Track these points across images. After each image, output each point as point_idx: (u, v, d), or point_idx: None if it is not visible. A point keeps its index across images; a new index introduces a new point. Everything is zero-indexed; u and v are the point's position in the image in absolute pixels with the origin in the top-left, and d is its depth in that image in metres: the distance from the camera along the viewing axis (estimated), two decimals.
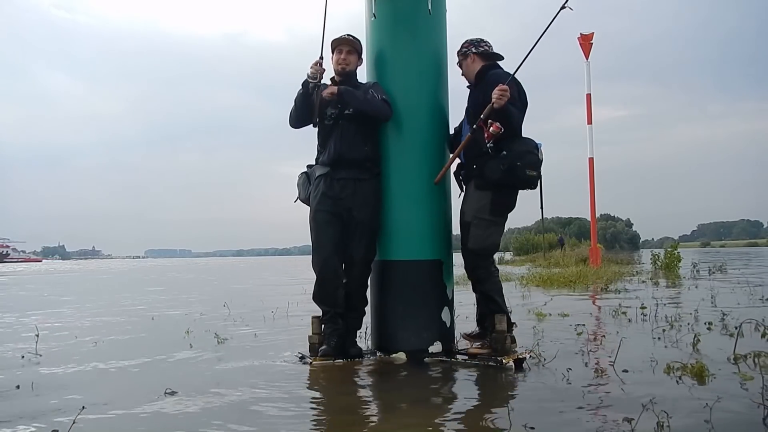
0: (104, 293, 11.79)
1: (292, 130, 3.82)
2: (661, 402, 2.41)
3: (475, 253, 3.55)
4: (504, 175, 3.35)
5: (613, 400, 2.71)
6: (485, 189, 3.48)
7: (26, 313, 7.48)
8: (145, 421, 2.55)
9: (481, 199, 3.50)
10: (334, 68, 3.76)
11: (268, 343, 4.60)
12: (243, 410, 2.68)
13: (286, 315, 6.41)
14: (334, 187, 3.64)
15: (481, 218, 3.50)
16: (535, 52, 3.36)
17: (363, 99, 3.60)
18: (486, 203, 3.49)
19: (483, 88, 3.47)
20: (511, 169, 3.33)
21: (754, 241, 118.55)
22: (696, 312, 5.46)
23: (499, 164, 3.34)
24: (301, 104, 3.69)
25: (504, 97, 3.23)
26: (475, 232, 3.51)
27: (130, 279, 19.66)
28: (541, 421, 2.37)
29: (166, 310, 7.66)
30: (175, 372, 3.63)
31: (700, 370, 3.09)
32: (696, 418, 2.35)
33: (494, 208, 3.50)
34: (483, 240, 3.52)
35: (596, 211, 16.60)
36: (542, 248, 26.81)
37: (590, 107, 15.34)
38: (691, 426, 2.28)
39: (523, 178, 3.37)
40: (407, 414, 2.64)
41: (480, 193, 3.51)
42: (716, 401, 2.41)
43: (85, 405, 2.55)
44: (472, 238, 3.51)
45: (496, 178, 3.38)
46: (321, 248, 3.64)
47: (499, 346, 3.49)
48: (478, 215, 3.50)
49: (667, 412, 2.24)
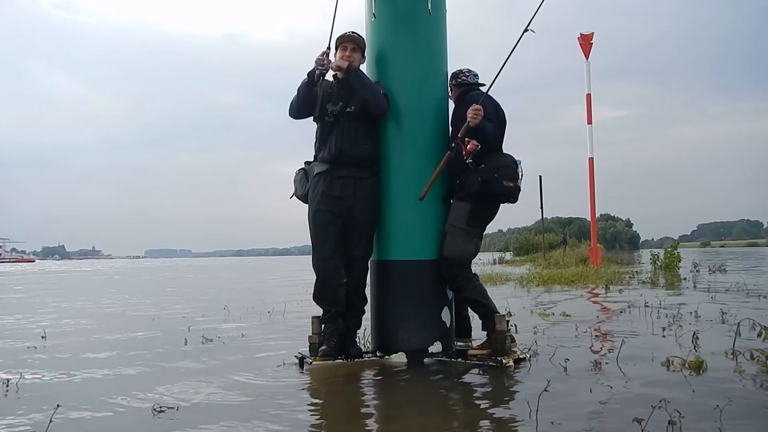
0: (85, 296, 11.76)
1: (292, 130, 3.92)
2: (673, 402, 2.40)
3: (450, 261, 3.58)
4: (483, 186, 3.52)
5: (619, 396, 2.72)
6: (465, 200, 3.61)
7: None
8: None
9: (460, 209, 3.62)
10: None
11: (261, 343, 4.60)
12: (243, 410, 2.68)
13: (283, 318, 6.39)
14: (335, 185, 3.64)
15: (457, 227, 3.60)
16: (535, 52, 3.42)
17: (368, 83, 3.64)
18: (464, 213, 3.60)
19: (463, 108, 3.61)
20: (488, 181, 3.51)
21: (754, 241, 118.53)
22: (696, 312, 5.47)
23: (477, 176, 3.52)
24: (304, 94, 3.70)
25: (478, 116, 3.41)
26: (450, 240, 3.59)
27: (122, 281, 19.64)
28: (545, 420, 2.37)
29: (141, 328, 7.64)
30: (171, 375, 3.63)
31: (699, 364, 3.15)
32: (705, 414, 2.35)
33: (471, 218, 3.61)
34: (457, 247, 3.58)
35: (596, 211, 16.61)
36: (542, 248, 26.78)
37: (590, 107, 15.34)
38: (701, 422, 2.29)
39: (500, 189, 3.54)
40: (408, 414, 2.64)
41: (460, 204, 3.63)
42: (727, 404, 2.41)
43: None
44: (447, 246, 3.58)
45: (475, 189, 3.53)
46: (321, 248, 3.64)
47: (499, 346, 3.51)
48: (454, 224, 3.61)
49: (680, 411, 2.25)
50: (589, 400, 2.68)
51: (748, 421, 2.35)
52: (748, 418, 2.39)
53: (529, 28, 3.46)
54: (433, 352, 3.61)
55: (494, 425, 2.43)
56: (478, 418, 2.55)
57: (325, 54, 3.64)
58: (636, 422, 2.17)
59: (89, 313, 7.49)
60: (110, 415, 2.67)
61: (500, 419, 2.50)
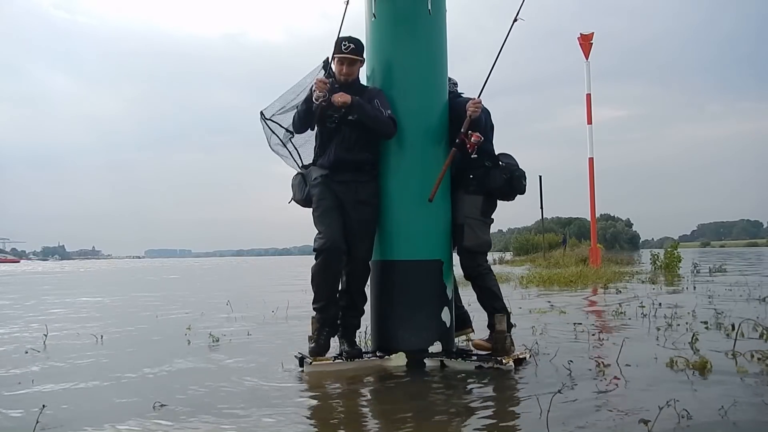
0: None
1: (292, 128, 3.82)
2: (682, 402, 2.40)
3: (472, 251, 3.73)
4: (506, 184, 3.71)
5: (622, 396, 2.72)
6: (477, 194, 3.73)
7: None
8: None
9: (474, 202, 3.74)
10: (336, 77, 3.70)
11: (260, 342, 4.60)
12: (241, 412, 2.68)
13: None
14: (334, 188, 3.63)
15: (474, 218, 3.72)
16: (535, 52, 3.42)
17: (372, 114, 3.55)
18: (478, 205, 3.74)
19: (451, 114, 3.78)
20: (511, 179, 3.70)
21: (754, 241, 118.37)
22: (693, 312, 5.48)
23: (501, 174, 3.70)
24: (305, 116, 3.64)
25: (478, 109, 3.57)
26: (469, 231, 3.71)
27: (111, 284, 19.64)
28: (549, 418, 2.37)
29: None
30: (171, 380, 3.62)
31: (704, 364, 3.17)
32: (712, 415, 2.36)
33: (485, 209, 3.77)
34: (477, 238, 3.72)
35: (596, 211, 16.60)
36: (542, 248, 26.77)
37: (590, 107, 15.34)
38: (708, 422, 2.29)
39: (520, 186, 3.76)
40: (408, 415, 2.64)
41: (471, 197, 3.74)
42: (732, 404, 2.41)
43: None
44: (467, 237, 3.71)
45: (499, 185, 3.71)
46: (327, 229, 3.54)
47: (499, 346, 3.52)
48: (470, 216, 3.72)
49: (688, 411, 2.26)
50: (593, 402, 2.68)
51: (755, 422, 2.35)
52: (754, 418, 2.38)
53: (518, 17, 3.60)
54: (433, 352, 3.61)
55: (495, 426, 2.43)
56: (478, 418, 2.55)
57: (325, 84, 3.51)
58: (642, 423, 2.16)
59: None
60: (111, 407, 2.68)
61: (500, 419, 2.50)
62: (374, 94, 3.66)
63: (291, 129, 3.87)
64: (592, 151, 15.39)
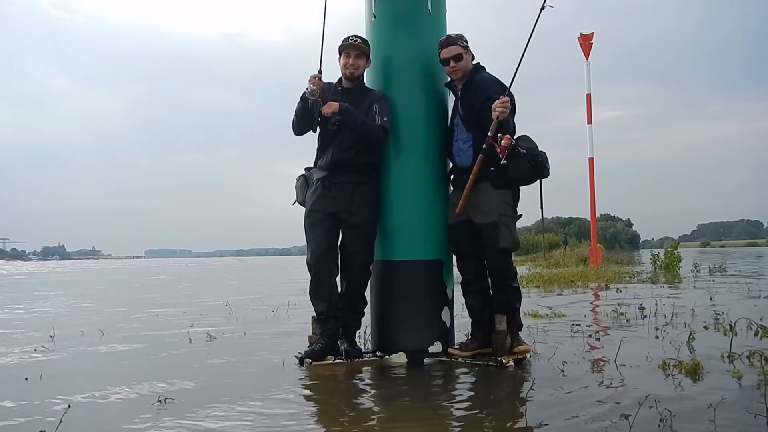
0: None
1: (292, 131, 3.81)
2: (663, 401, 2.42)
3: (508, 251, 3.53)
4: (531, 172, 3.43)
5: (616, 396, 2.73)
6: (504, 188, 3.48)
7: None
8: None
9: (503, 197, 3.50)
10: (342, 72, 3.71)
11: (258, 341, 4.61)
12: (241, 410, 2.68)
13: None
14: (332, 190, 3.63)
15: (508, 216, 3.50)
16: (535, 52, 3.37)
17: (361, 122, 3.53)
18: (508, 201, 3.51)
19: (473, 94, 3.51)
20: (536, 167, 3.42)
21: (754, 241, 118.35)
22: (693, 311, 5.48)
23: (525, 163, 3.39)
24: (302, 116, 3.64)
25: (507, 110, 3.30)
26: (505, 231, 3.46)
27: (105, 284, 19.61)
28: (549, 418, 2.37)
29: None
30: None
31: (695, 367, 3.16)
32: (697, 417, 2.36)
33: (514, 204, 3.56)
34: (512, 237, 3.50)
35: (596, 211, 16.63)
36: (542, 248, 26.79)
37: (590, 107, 15.35)
38: (693, 422, 2.30)
39: (545, 172, 3.48)
40: (408, 415, 2.64)
41: (500, 191, 3.48)
42: (720, 402, 2.42)
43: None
44: (503, 238, 3.45)
45: (524, 175, 3.43)
46: (315, 248, 3.61)
47: (500, 346, 3.51)
48: (504, 214, 3.48)
49: (670, 411, 2.26)
50: (584, 401, 2.69)
51: (740, 423, 2.35)
52: (740, 419, 2.39)
53: (546, 4, 3.28)
54: (433, 352, 3.61)
55: (492, 425, 2.43)
56: (478, 419, 2.55)
57: (317, 78, 3.50)
58: (623, 418, 2.19)
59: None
60: (116, 403, 2.69)
61: (499, 419, 2.51)
62: (376, 98, 3.65)
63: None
64: (592, 151, 15.41)
